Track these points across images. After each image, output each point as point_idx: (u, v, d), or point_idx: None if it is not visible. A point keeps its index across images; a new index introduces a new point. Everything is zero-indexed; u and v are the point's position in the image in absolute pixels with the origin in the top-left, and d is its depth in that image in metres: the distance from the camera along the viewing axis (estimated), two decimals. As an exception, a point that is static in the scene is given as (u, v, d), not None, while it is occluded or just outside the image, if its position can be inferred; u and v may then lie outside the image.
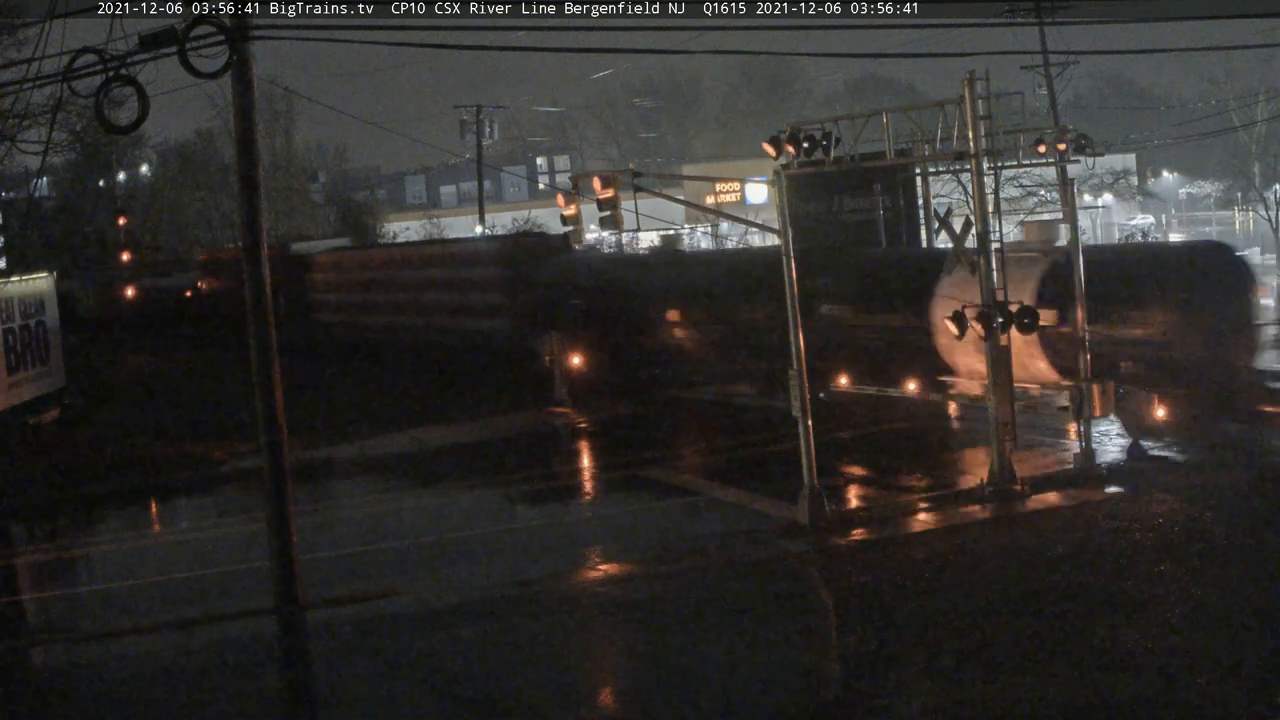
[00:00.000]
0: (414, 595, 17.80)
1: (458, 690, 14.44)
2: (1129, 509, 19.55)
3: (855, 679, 13.82)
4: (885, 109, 25.95)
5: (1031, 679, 13.14)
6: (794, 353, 20.28)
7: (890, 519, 20.20)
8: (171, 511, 26.03)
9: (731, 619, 16.14)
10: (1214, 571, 16.39)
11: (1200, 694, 12.59)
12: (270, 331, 17.07)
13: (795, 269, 20.23)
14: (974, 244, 22.09)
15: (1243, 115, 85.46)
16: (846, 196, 35.89)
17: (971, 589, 16.39)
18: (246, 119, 16.94)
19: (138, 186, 73.70)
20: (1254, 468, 21.73)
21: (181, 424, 32.36)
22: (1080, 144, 25.57)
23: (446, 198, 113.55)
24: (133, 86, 15.39)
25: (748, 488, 22.84)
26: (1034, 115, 45.75)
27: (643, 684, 14.35)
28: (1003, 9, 41.12)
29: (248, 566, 19.37)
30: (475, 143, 60.59)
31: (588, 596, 17.59)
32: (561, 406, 32.48)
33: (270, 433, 17.14)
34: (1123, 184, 79.25)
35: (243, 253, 17.43)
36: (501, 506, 24.64)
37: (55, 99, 22.76)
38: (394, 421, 31.76)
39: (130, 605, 18.47)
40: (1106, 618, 14.89)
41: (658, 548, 19.47)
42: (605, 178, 20.38)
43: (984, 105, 21.86)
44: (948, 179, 41.83)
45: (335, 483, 26.87)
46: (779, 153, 22.65)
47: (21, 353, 30.14)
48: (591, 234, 37.59)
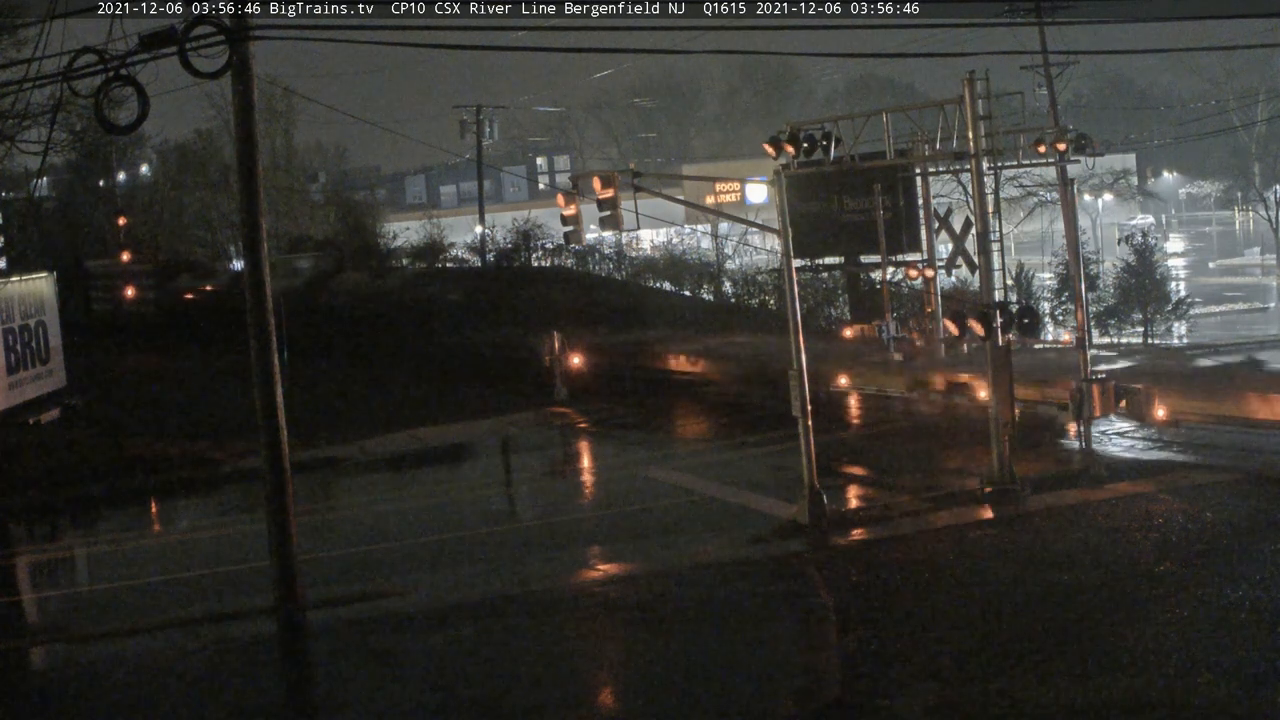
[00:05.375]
0: (414, 595, 17.79)
1: (458, 690, 14.43)
2: (1129, 509, 19.56)
3: (855, 679, 13.82)
4: (885, 109, 26.02)
5: (1031, 679, 13.14)
6: (794, 353, 20.28)
7: (890, 519, 20.19)
8: (171, 511, 26.02)
9: (731, 619, 16.13)
10: (1214, 571, 16.39)
11: (1200, 694, 12.59)
12: (270, 330, 17.03)
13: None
14: (974, 244, 22.10)
15: (1243, 115, 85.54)
16: (846, 196, 35.93)
17: (971, 589, 16.40)
18: (246, 119, 16.92)
19: (138, 186, 73.64)
20: (1254, 468, 21.73)
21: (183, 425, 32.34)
22: (1080, 144, 25.63)
23: (446, 198, 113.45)
24: (133, 86, 15.37)
25: (748, 487, 22.83)
26: (1034, 115, 45.67)
27: (643, 684, 14.35)
28: (1003, 9, 41.10)
29: (248, 566, 19.36)
30: (475, 143, 60.54)
31: (588, 596, 17.58)
32: (562, 406, 32.47)
33: (270, 432, 17.13)
34: (1123, 184, 79.24)
35: (243, 253, 17.44)
36: (502, 506, 24.64)
37: (55, 99, 22.81)
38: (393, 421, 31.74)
39: (130, 605, 18.45)
40: (1106, 618, 14.90)
41: (658, 547, 19.47)
42: (605, 178, 20.39)
43: (984, 105, 21.88)
44: (948, 179, 41.95)
45: (335, 482, 26.86)
46: (779, 153, 22.70)
47: (22, 353, 30.13)
48: (591, 234, 37.64)
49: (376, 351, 42.71)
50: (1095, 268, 47.82)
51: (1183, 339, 47.19)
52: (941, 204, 39.87)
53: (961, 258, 32.33)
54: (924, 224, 33.78)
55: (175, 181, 71.36)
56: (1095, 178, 65.19)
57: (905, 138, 29.32)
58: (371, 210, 71.18)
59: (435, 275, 54.47)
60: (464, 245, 60.20)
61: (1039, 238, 62.84)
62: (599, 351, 35.20)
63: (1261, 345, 39.20)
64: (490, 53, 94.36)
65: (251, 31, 16.39)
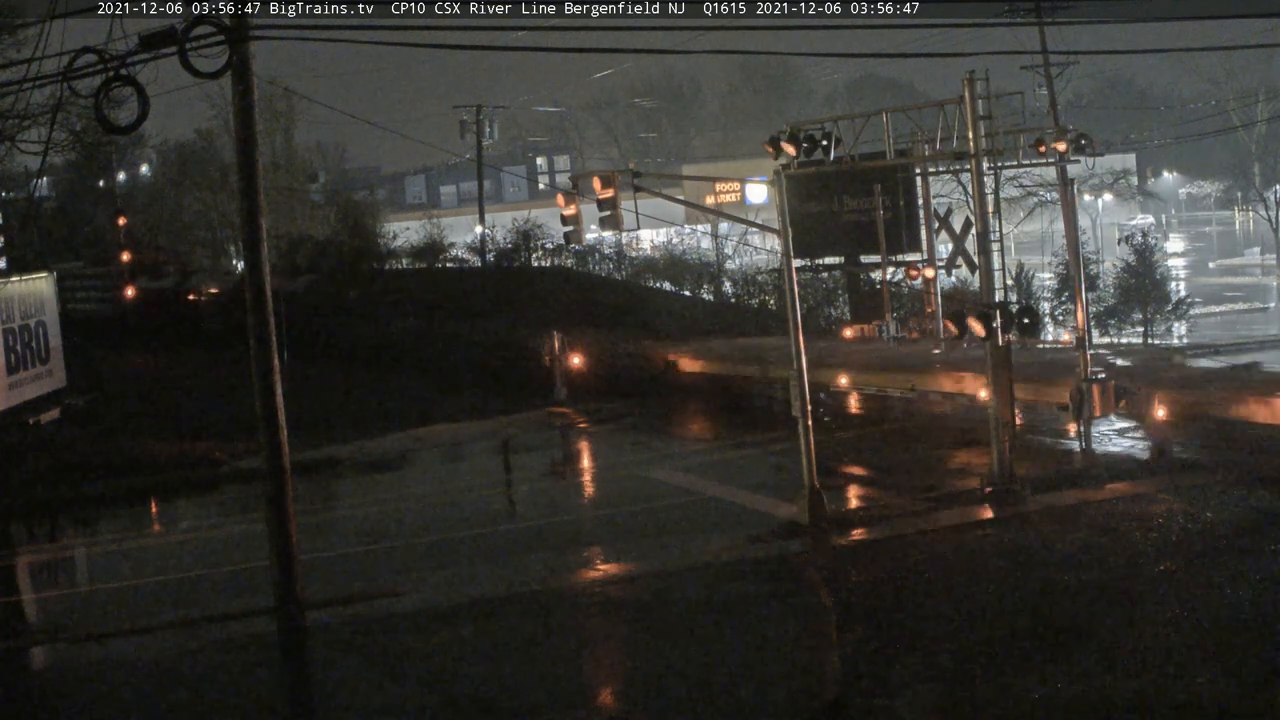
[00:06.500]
0: (414, 595, 17.79)
1: (458, 690, 14.43)
2: (1129, 509, 19.55)
3: (855, 679, 13.82)
4: (885, 109, 25.98)
5: (1031, 679, 13.14)
6: (794, 353, 20.28)
7: (890, 519, 20.19)
8: (172, 511, 26.02)
9: (731, 619, 16.14)
10: (1214, 571, 16.39)
11: (1200, 693, 12.59)
12: (269, 330, 17.03)
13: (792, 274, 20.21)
14: (974, 244, 22.10)
15: (1243, 115, 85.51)
16: (846, 196, 35.96)
17: (971, 589, 16.39)
18: (246, 119, 16.92)
19: (138, 186, 73.58)
20: (1253, 468, 21.73)
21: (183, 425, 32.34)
22: (1080, 144, 25.62)
23: (446, 198, 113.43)
24: (133, 86, 15.35)
25: (748, 487, 22.83)
26: (1034, 115, 45.67)
27: (643, 684, 14.35)
28: (1003, 9, 41.08)
29: (248, 566, 19.36)
30: (475, 143, 60.49)
31: (587, 596, 17.58)
32: (562, 405, 32.47)
33: (270, 432, 17.12)
34: (1123, 184, 79.19)
35: (243, 253, 17.43)
36: (502, 506, 24.63)
37: (55, 99, 22.79)
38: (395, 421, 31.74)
39: (130, 605, 18.45)
40: (1106, 618, 14.89)
41: (658, 547, 19.47)
42: (605, 178, 20.39)
43: (984, 105, 21.88)
44: (948, 179, 41.94)
45: (335, 482, 26.86)
46: (779, 153, 22.66)
47: (21, 353, 30.12)
48: (591, 234, 37.61)
49: (376, 351, 42.71)
50: (1095, 268, 47.80)
51: (1182, 339, 47.17)
52: (941, 204, 39.88)
53: (961, 258, 32.35)
54: (924, 224, 33.79)
55: (175, 181, 71.30)
56: (1095, 178, 65.14)
57: (905, 138, 29.31)
58: (371, 210, 71.06)
59: (435, 275, 54.41)
60: (464, 245, 60.13)
61: (1039, 238, 62.81)
62: (599, 351, 35.18)
63: (1262, 346, 39.19)
64: (490, 53, 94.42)
65: (251, 31, 16.38)
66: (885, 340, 32.61)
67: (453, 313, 44.56)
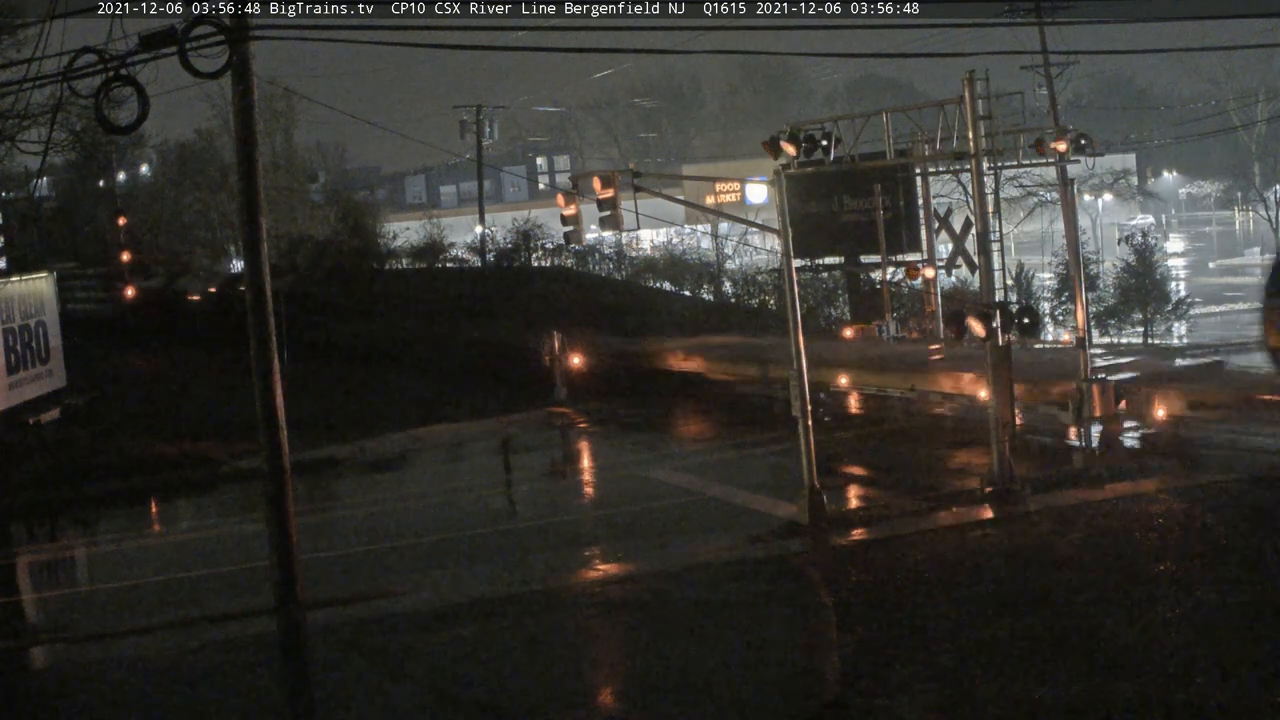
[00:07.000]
0: (414, 595, 17.79)
1: (458, 690, 14.43)
2: (1129, 509, 19.55)
3: (855, 679, 13.81)
4: (885, 109, 25.98)
5: (1031, 679, 13.13)
6: (794, 353, 20.27)
7: (890, 519, 20.19)
8: (171, 511, 26.02)
9: (731, 619, 16.13)
10: (1214, 571, 16.38)
11: (1200, 694, 12.58)
12: (270, 330, 17.03)
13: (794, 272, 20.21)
14: (974, 244, 22.10)
15: (1243, 115, 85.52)
16: (846, 196, 36.00)
17: (971, 589, 16.38)
18: (246, 119, 16.92)
19: (138, 186, 73.55)
20: (1253, 468, 21.73)
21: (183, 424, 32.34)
22: (1080, 144, 25.61)
23: (446, 198, 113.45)
24: (133, 86, 15.37)
25: (748, 486, 22.82)
26: (1034, 115, 45.71)
27: (643, 684, 14.34)
28: (1003, 9, 41.14)
29: (248, 566, 19.36)
30: (475, 143, 60.54)
31: (588, 596, 17.58)
32: (562, 405, 32.47)
33: (270, 432, 17.12)
34: (1123, 184, 79.22)
35: (243, 253, 17.43)
36: (502, 506, 24.62)
37: (55, 99, 22.80)
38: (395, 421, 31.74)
39: (130, 605, 18.45)
40: (1106, 618, 14.88)
41: (658, 547, 19.47)
42: (605, 178, 20.40)
43: (984, 105, 21.89)
44: (948, 179, 41.98)
45: (335, 482, 26.86)
46: (779, 153, 22.64)
47: (22, 353, 30.12)
48: (591, 234, 37.64)
49: (376, 351, 42.70)
50: (1095, 268, 47.84)
51: (1183, 339, 47.18)
52: (941, 204, 39.93)
53: (961, 258, 32.37)
54: (924, 224, 33.83)
55: (175, 181, 71.26)
56: (1095, 178, 65.18)
57: (905, 138, 29.31)
58: (371, 210, 71.07)
59: (435, 275, 54.42)
60: (464, 245, 60.18)
61: (1039, 238, 62.84)
62: (599, 351, 35.19)
63: (1262, 346, 39.11)
64: (490, 53, 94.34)
65: (251, 31, 16.39)
66: (885, 340, 32.62)
67: (453, 313, 44.60)
